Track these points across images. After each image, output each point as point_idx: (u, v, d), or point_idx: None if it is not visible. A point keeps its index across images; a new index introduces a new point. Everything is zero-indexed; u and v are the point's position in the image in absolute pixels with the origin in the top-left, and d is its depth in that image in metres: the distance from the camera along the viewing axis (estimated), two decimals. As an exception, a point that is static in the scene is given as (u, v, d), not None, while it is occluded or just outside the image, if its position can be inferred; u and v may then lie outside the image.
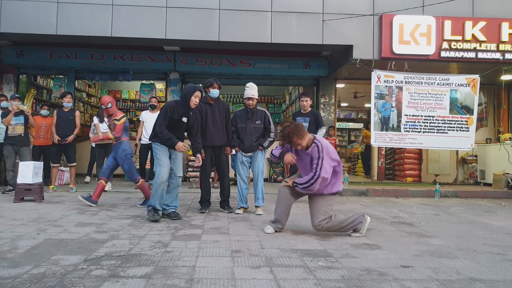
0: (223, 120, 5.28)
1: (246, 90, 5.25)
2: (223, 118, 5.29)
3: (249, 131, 5.20)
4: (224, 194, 5.35)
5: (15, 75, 9.31)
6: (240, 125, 5.25)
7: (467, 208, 6.25)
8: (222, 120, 5.27)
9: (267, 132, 5.27)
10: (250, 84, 5.32)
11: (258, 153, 5.25)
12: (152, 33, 7.58)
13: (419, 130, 7.92)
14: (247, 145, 5.19)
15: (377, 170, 10.09)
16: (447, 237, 4.02)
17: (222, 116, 5.29)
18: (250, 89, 5.23)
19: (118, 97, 13.28)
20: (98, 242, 3.47)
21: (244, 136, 5.20)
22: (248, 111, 5.26)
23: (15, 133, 6.80)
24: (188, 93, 4.59)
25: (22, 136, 6.83)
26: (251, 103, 5.22)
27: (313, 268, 2.85)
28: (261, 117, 5.26)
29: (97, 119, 7.58)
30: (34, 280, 2.47)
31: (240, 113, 5.32)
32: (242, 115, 5.29)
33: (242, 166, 5.28)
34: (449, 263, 3.05)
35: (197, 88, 4.65)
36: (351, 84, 11.10)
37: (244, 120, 5.25)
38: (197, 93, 4.59)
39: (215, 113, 5.24)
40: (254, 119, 5.23)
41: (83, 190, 7.29)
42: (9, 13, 7.30)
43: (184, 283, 2.47)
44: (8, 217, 4.60)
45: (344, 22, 7.66)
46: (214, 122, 5.21)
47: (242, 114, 5.30)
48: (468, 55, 7.71)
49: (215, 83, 5.23)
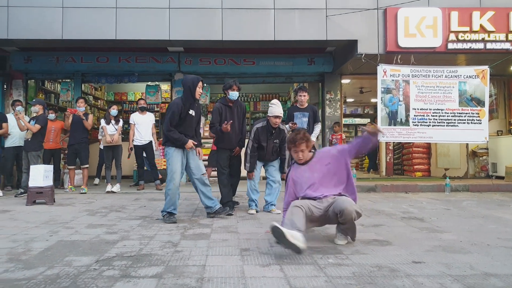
0: (240, 122, 5.35)
1: (273, 108, 5.00)
2: (241, 120, 5.35)
3: (269, 150, 5.14)
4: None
5: (24, 81, 9.40)
6: (261, 144, 5.12)
7: (479, 202, 6.18)
8: (239, 122, 5.33)
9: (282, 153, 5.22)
10: (275, 101, 5.11)
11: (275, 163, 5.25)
12: (155, 35, 7.60)
13: (428, 124, 7.84)
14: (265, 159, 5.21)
15: (385, 166, 10.03)
16: (459, 232, 3.98)
17: (240, 118, 5.35)
18: (277, 107, 5.00)
19: (124, 99, 13.35)
20: (109, 243, 3.50)
21: (265, 153, 5.16)
22: (272, 130, 5.08)
23: (26, 137, 7.01)
24: (192, 84, 4.60)
25: (29, 141, 6.95)
26: (277, 121, 5.02)
27: (323, 265, 2.83)
28: (279, 135, 5.13)
29: (104, 122, 7.70)
30: (49, 281, 2.49)
31: (262, 131, 5.09)
32: (263, 133, 5.08)
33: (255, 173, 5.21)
34: (462, 258, 3.02)
35: (200, 78, 4.68)
36: (357, 79, 11.01)
37: (266, 139, 5.09)
38: (200, 83, 4.65)
39: (233, 115, 5.24)
40: (274, 138, 5.12)
41: (93, 192, 7.36)
42: (16, 20, 7.37)
43: (194, 282, 2.47)
44: (22, 219, 4.66)
45: (348, 17, 7.60)
46: (232, 125, 5.15)
47: (264, 132, 5.09)
48: (476, 46, 7.61)
49: (235, 85, 5.20)
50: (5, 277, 2.58)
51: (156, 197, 6.70)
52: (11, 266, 2.81)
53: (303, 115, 6.07)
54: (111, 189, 7.34)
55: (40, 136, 7.05)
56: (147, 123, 7.79)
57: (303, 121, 6.02)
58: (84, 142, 7.52)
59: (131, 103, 13.35)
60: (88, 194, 7.19)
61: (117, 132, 7.61)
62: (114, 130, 7.65)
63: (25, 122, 6.89)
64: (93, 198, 6.60)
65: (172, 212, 4.55)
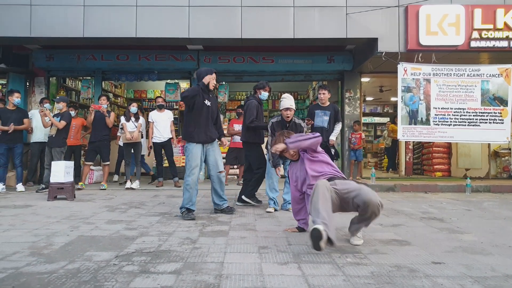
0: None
1: (284, 101, 5.04)
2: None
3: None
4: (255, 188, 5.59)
5: (46, 78, 9.60)
6: None
7: (501, 203, 6.04)
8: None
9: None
10: (286, 95, 5.14)
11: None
12: (175, 33, 7.65)
13: (449, 123, 7.69)
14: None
15: (404, 165, 9.89)
16: (480, 233, 3.90)
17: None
18: (288, 100, 5.04)
19: (143, 97, 13.51)
20: (128, 238, 3.55)
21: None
22: (286, 124, 5.07)
23: (50, 134, 7.16)
24: (205, 74, 4.66)
25: (53, 137, 7.08)
26: (289, 113, 5.01)
27: (341, 264, 2.82)
28: (295, 130, 5.06)
29: (124, 119, 7.81)
30: (70, 275, 2.55)
31: (277, 125, 5.09)
32: (278, 127, 5.04)
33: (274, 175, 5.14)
34: (483, 259, 2.96)
35: (213, 70, 4.73)
36: (377, 78, 10.88)
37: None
38: (213, 75, 4.70)
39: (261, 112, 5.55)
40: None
41: (112, 189, 7.48)
42: (39, 18, 7.53)
43: (213, 279, 2.49)
44: (43, 214, 4.77)
45: (368, 15, 7.51)
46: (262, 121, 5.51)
47: (279, 126, 5.06)
48: (500, 44, 7.42)
49: (267, 86, 5.48)
50: (27, 271, 2.65)
51: (174, 194, 6.77)
52: (33, 260, 2.88)
53: (324, 113, 6.04)
54: (130, 185, 7.45)
55: (64, 133, 7.20)
56: (165, 120, 7.87)
57: (324, 119, 5.98)
58: (105, 140, 7.65)
59: (151, 100, 13.50)
60: (108, 190, 7.32)
61: (136, 129, 7.73)
62: (133, 127, 7.76)
63: (51, 119, 7.03)
64: (113, 194, 6.71)
65: (190, 209, 4.59)
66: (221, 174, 4.82)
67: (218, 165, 4.77)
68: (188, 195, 4.56)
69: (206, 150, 4.73)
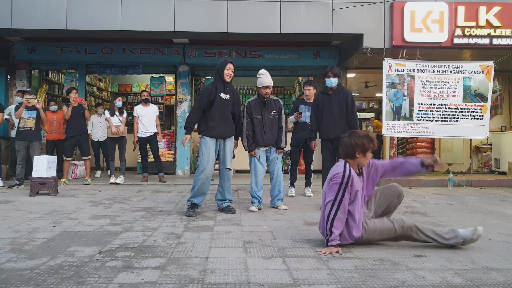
0: (343, 110, 5.04)
1: (261, 78, 4.83)
2: (343, 108, 5.04)
3: (266, 122, 4.85)
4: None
5: (27, 71, 9.40)
6: (256, 117, 4.85)
7: (482, 197, 6.17)
8: (341, 110, 5.03)
9: (279, 128, 4.93)
10: (263, 71, 4.91)
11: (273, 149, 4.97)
12: (161, 26, 7.56)
13: (432, 119, 7.81)
14: (267, 138, 4.87)
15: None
16: (461, 226, 3.93)
17: (342, 105, 5.04)
18: (266, 77, 4.82)
19: (128, 91, 13.35)
20: (112, 234, 3.52)
21: (263, 128, 4.84)
22: (263, 100, 4.87)
23: (26, 127, 6.83)
24: (220, 67, 4.54)
25: (32, 130, 6.85)
26: (268, 91, 4.81)
27: (326, 258, 2.84)
28: (275, 106, 4.93)
29: (109, 113, 7.71)
30: (51, 271, 2.51)
31: (254, 104, 4.89)
32: (256, 106, 4.87)
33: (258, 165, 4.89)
34: (463, 252, 3.03)
35: (228, 60, 4.58)
36: (362, 74, 10.96)
37: (260, 111, 4.86)
38: (229, 65, 4.53)
39: (332, 103, 5.06)
40: (270, 109, 4.88)
41: (97, 184, 7.40)
42: (20, 9, 7.35)
43: (197, 274, 2.48)
44: (25, 210, 4.69)
45: (354, 11, 7.54)
46: (330, 114, 5.04)
47: (257, 104, 4.88)
48: (482, 41, 7.54)
49: (330, 72, 5.01)
50: (8, 267, 2.60)
51: (159, 189, 6.73)
52: (13, 256, 2.83)
53: (308, 109, 6.01)
54: (114, 180, 7.37)
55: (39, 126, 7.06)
56: (150, 114, 7.79)
57: (307, 115, 5.97)
58: (85, 133, 7.50)
59: (136, 94, 13.37)
60: (92, 185, 7.23)
61: (122, 123, 7.64)
62: (118, 121, 7.67)
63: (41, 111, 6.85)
64: (97, 190, 6.64)
65: (195, 203, 4.49)
66: (228, 171, 4.67)
67: (225, 162, 4.65)
68: (198, 189, 4.46)
69: (219, 145, 4.63)
